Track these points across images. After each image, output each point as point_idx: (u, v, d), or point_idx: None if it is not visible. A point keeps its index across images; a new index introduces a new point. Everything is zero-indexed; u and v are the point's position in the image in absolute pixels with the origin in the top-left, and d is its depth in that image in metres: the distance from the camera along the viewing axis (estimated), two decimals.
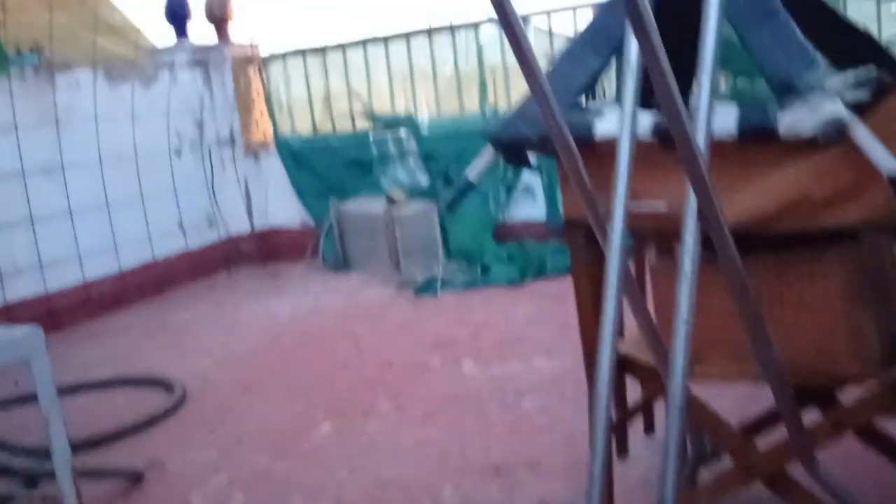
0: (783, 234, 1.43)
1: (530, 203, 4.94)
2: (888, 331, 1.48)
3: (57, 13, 4.56)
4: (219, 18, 5.71)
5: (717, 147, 1.26)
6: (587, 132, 1.45)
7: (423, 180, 5.23)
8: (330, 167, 5.52)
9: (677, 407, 1.19)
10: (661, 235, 1.56)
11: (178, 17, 5.56)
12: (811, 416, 1.58)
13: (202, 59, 5.58)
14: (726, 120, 1.36)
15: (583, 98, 1.55)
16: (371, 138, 5.41)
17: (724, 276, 1.21)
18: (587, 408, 2.63)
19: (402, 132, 5.32)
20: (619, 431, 2.05)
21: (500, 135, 1.54)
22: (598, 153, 1.43)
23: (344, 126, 5.60)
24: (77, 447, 2.42)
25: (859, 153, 1.28)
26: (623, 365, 1.83)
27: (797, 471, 1.54)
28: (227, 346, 3.92)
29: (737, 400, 2.14)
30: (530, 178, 4.97)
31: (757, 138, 1.36)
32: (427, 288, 4.44)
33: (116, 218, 4.85)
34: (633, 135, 1.26)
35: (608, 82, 2.65)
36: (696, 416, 1.55)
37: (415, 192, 5.07)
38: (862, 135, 1.27)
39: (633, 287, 1.36)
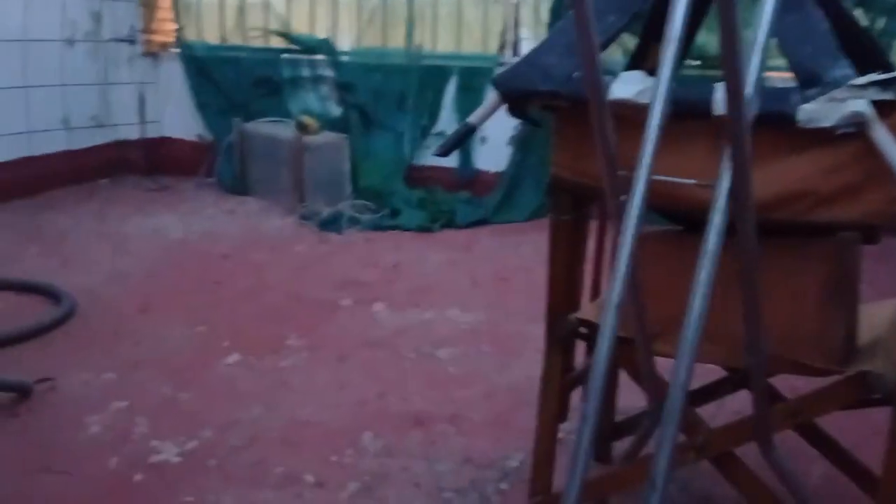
0: (775, 222, 1.43)
1: None
2: (849, 329, 1.53)
3: None
4: None
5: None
6: None
7: (335, 110, 5.04)
8: (236, 83, 5.21)
9: (680, 385, 1.17)
10: (667, 209, 1.53)
11: None
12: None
13: None
14: None
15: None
16: (284, 58, 5.15)
17: (741, 260, 1.20)
18: (504, 363, 2.64)
19: (319, 57, 5.08)
20: (561, 396, 2.05)
21: (508, 83, 1.46)
22: None
23: (256, 41, 5.29)
24: None
25: (871, 153, 1.29)
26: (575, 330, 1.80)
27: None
28: (115, 260, 3.66)
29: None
30: (444, 124, 4.89)
31: (772, 124, 1.34)
32: (332, 223, 4.30)
33: None
34: (668, 101, 1.21)
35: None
36: (658, 391, 1.55)
37: (325, 122, 4.88)
38: (881, 134, 1.27)
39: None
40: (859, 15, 3.90)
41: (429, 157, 4.86)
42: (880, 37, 3.90)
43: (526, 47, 5.01)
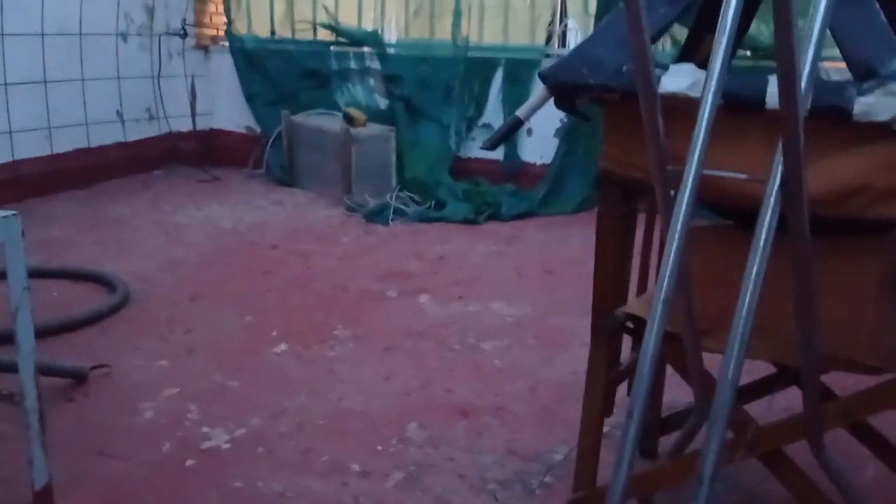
0: (830, 218, 1.41)
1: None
2: None
3: None
4: None
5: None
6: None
7: (382, 102, 5.06)
8: (284, 75, 5.27)
9: (730, 382, 1.16)
10: (717, 204, 1.52)
11: None
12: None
13: None
14: None
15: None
16: (332, 50, 5.19)
17: (794, 256, 1.18)
18: (550, 357, 2.64)
19: (366, 49, 5.11)
20: (606, 391, 2.04)
21: (556, 76, 1.45)
22: None
23: (304, 34, 5.35)
24: (5, 339, 2.25)
25: None
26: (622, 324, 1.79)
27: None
28: (168, 249, 3.74)
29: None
30: (490, 115, 4.89)
31: (827, 118, 1.31)
32: (378, 215, 4.33)
33: (53, 97, 4.52)
34: (718, 94, 1.19)
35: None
36: (706, 388, 1.54)
37: (372, 114, 4.91)
38: None
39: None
40: None
41: (474, 149, 4.87)
42: None
43: (573, 38, 4.99)
